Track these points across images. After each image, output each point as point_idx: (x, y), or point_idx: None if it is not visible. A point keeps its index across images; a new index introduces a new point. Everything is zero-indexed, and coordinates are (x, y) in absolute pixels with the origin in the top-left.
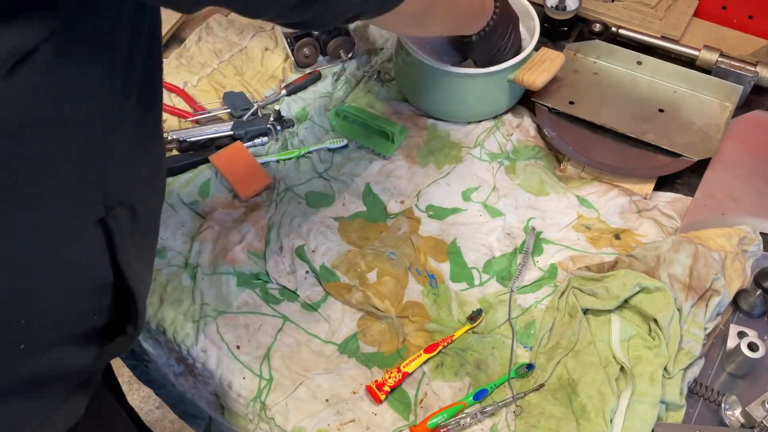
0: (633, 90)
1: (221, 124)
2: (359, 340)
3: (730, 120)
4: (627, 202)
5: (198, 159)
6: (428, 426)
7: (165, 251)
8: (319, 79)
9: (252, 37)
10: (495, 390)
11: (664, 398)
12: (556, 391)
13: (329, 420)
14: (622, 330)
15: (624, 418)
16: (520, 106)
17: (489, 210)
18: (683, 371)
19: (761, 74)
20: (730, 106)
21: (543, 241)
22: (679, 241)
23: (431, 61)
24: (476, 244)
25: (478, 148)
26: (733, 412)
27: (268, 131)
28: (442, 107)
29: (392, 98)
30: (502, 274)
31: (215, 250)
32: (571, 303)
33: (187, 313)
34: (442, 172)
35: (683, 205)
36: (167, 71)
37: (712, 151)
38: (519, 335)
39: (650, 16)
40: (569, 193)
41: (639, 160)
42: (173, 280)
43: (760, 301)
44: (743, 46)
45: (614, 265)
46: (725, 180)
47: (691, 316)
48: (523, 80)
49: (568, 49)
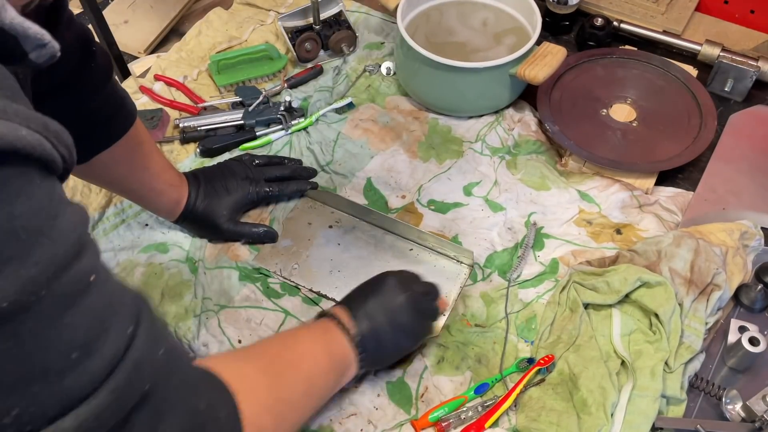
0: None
1: (231, 113)
2: None
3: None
4: (628, 196)
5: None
6: (429, 420)
7: (166, 245)
8: (321, 74)
9: (252, 30)
10: (496, 384)
11: (665, 392)
12: (557, 385)
13: (330, 414)
14: (623, 324)
15: (625, 412)
16: (521, 101)
17: (490, 204)
18: (684, 365)
19: (763, 69)
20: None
21: (544, 236)
22: (681, 236)
23: (433, 56)
24: (478, 239)
25: (479, 142)
26: (733, 406)
27: (278, 120)
28: (443, 102)
29: (393, 93)
30: (503, 268)
31: (217, 246)
32: (572, 297)
33: (188, 308)
34: (444, 166)
35: (684, 199)
36: (167, 65)
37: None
38: (520, 330)
39: (652, 11)
40: (570, 188)
41: (640, 154)
42: (174, 275)
43: (761, 296)
44: (745, 41)
45: (615, 259)
46: (726, 175)
47: (692, 310)
48: (524, 75)
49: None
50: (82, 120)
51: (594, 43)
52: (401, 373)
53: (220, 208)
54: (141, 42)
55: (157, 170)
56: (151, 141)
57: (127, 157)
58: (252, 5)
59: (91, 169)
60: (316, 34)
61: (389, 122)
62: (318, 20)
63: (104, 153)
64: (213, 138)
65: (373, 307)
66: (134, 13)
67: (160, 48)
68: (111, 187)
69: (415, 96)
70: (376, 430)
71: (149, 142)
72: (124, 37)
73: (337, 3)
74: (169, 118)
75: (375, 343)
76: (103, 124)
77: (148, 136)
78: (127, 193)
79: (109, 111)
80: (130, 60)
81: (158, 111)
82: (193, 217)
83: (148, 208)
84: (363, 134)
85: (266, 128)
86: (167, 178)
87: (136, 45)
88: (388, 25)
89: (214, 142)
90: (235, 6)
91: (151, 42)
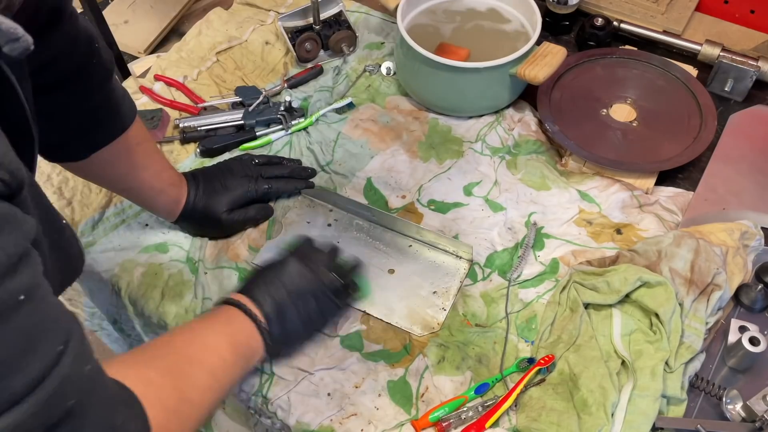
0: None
1: (231, 113)
2: (363, 339)
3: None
4: (628, 196)
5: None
6: (430, 420)
7: (166, 246)
8: (321, 74)
9: (252, 30)
10: (496, 384)
11: (666, 392)
12: (558, 385)
13: (331, 414)
14: (623, 324)
15: (625, 412)
16: (521, 101)
17: (491, 204)
18: (684, 365)
19: (763, 69)
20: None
21: (544, 236)
22: (681, 236)
23: (433, 56)
24: (478, 239)
25: (479, 142)
26: (734, 406)
27: (278, 121)
28: (443, 102)
29: (393, 93)
30: (504, 268)
31: (217, 245)
32: (573, 297)
33: (188, 308)
34: (444, 166)
35: (685, 199)
36: (167, 65)
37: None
38: (520, 330)
39: (652, 11)
40: (571, 188)
41: (640, 154)
42: (175, 275)
43: (761, 296)
44: (745, 41)
45: (615, 259)
46: (727, 175)
47: (692, 310)
48: (524, 75)
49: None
50: (83, 115)
51: (594, 43)
52: (402, 373)
53: (219, 205)
54: (141, 42)
55: (157, 169)
56: (150, 140)
57: (127, 155)
58: (252, 5)
59: (91, 167)
60: (316, 34)
61: (389, 122)
62: (318, 20)
63: (104, 150)
64: (213, 138)
65: (276, 290)
66: (134, 13)
67: (160, 48)
68: (111, 185)
69: (415, 96)
70: (376, 430)
71: (149, 141)
72: (124, 37)
73: (337, 3)
74: (169, 118)
75: (280, 326)
76: (104, 120)
77: (147, 135)
78: (127, 191)
79: (110, 108)
80: (130, 60)
81: (158, 111)
82: (193, 216)
83: (147, 208)
84: (363, 134)
85: (266, 128)
86: (167, 177)
87: (136, 45)
88: (388, 25)
89: (214, 142)
90: (235, 6)
91: (151, 42)
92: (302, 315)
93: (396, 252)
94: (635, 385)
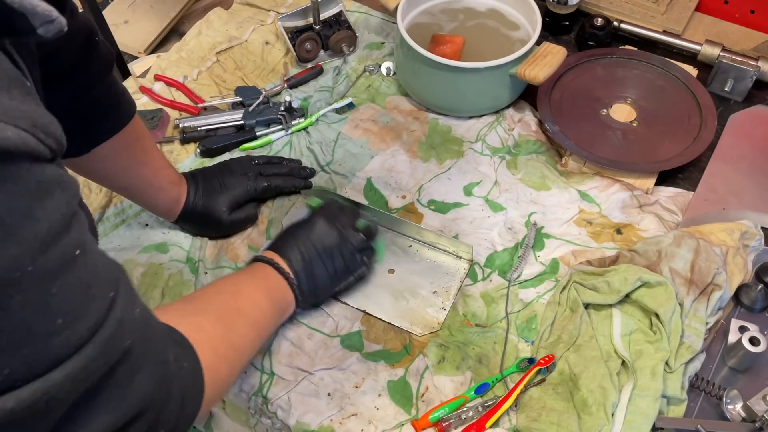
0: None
1: (231, 113)
2: (363, 339)
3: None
4: (628, 196)
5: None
6: (430, 420)
7: (166, 246)
8: (321, 74)
9: (252, 30)
10: (496, 384)
11: (666, 392)
12: (558, 385)
13: (331, 414)
14: (623, 324)
15: (625, 412)
16: (521, 101)
17: (491, 204)
18: (684, 365)
19: (763, 69)
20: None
21: (544, 236)
22: (681, 236)
23: (433, 56)
24: (478, 239)
25: (479, 142)
26: (734, 406)
27: (278, 121)
28: (443, 102)
29: (394, 93)
30: (504, 268)
31: (217, 245)
32: (573, 297)
33: None
34: (444, 166)
35: (685, 199)
36: (167, 65)
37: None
38: (520, 330)
39: (652, 11)
40: (571, 188)
41: (640, 154)
42: (175, 275)
43: (762, 296)
44: (745, 41)
45: (616, 259)
46: (727, 175)
47: (692, 310)
48: (525, 75)
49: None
50: (83, 108)
51: (594, 43)
52: (403, 373)
53: (219, 204)
54: (141, 42)
55: (156, 166)
56: (150, 138)
57: (126, 151)
58: (252, 5)
59: (91, 162)
60: (316, 34)
61: (389, 122)
62: (318, 20)
63: (104, 145)
64: (213, 138)
65: (305, 248)
66: (134, 13)
67: (160, 48)
68: (110, 182)
69: (415, 96)
70: (376, 430)
71: (148, 138)
72: (124, 37)
73: (337, 3)
74: (169, 118)
75: (310, 282)
76: (104, 114)
77: (147, 132)
78: (127, 189)
79: (110, 102)
80: (130, 60)
81: (158, 111)
82: (192, 216)
83: (147, 207)
84: (363, 134)
85: (266, 128)
86: (166, 175)
87: (136, 45)
88: (388, 25)
89: (214, 143)
90: (235, 6)
91: (151, 42)
92: (329, 271)
93: (396, 252)
94: (635, 385)
